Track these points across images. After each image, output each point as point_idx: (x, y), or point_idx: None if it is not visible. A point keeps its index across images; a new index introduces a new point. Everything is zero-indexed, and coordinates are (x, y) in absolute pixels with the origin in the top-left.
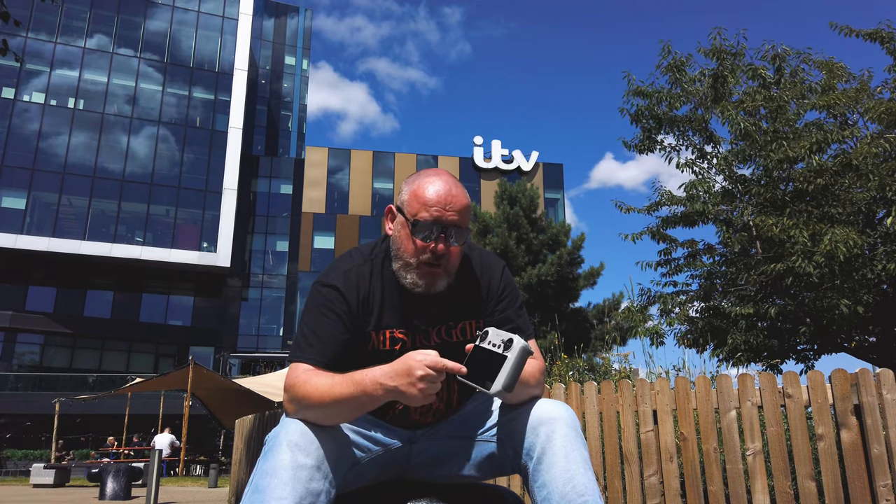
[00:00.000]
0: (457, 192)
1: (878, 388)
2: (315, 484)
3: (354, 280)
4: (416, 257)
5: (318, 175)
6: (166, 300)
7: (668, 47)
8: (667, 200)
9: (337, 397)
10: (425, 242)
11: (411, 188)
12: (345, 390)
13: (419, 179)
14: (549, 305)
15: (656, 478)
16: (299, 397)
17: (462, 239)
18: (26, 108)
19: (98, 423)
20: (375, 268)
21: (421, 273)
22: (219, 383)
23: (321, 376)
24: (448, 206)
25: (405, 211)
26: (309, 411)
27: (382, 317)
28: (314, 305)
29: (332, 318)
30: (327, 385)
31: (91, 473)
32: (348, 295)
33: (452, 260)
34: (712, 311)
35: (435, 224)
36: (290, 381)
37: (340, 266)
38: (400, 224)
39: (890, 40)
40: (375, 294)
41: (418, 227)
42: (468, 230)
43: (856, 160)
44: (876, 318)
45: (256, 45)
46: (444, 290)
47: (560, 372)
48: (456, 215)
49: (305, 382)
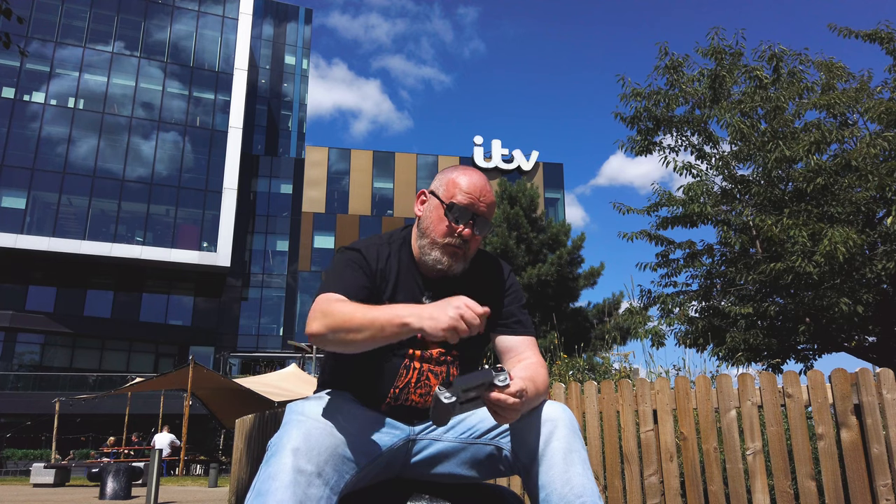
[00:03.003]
0: (489, 188)
1: (878, 387)
2: (314, 490)
3: (375, 251)
4: (445, 238)
5: (318, 175)
6: (166, 300)
7: (664, 48)
8: (666, 202)
9: (370, 316)
10: (457, 224)
11: (449, 177)
12: (377, 312)
13: (457, 171)
14: (549, 305)
15: (656, 477)
16: (325, 314)
17: (486, 230)
18: (26, 107)
19: (98, 423)
20: (394, 250)
21: (446, 251)
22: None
23: (348, 303)
24: (482, 197)
25: (440, 194)
26: (332, 332)
27: (396, 295)
28: (339, 263)
29: (356, 270)
30: (353, 307)
31: (91, 473)
32: (370, 259)
33: (473, 247)
34: (712, 311)
35: (468, 209)
36: (317, 304)
37: (362, 241)
38: (433, 206)
39: (889, 41)
40: (391, 271)
41: (454, 210)
42: (490, 226)
43: (855, 160)
44: (876, 318)
45: (256, 45)
46: (457, 275)
47: (560, 371)
48: (486, 207)
49: (334, 303)
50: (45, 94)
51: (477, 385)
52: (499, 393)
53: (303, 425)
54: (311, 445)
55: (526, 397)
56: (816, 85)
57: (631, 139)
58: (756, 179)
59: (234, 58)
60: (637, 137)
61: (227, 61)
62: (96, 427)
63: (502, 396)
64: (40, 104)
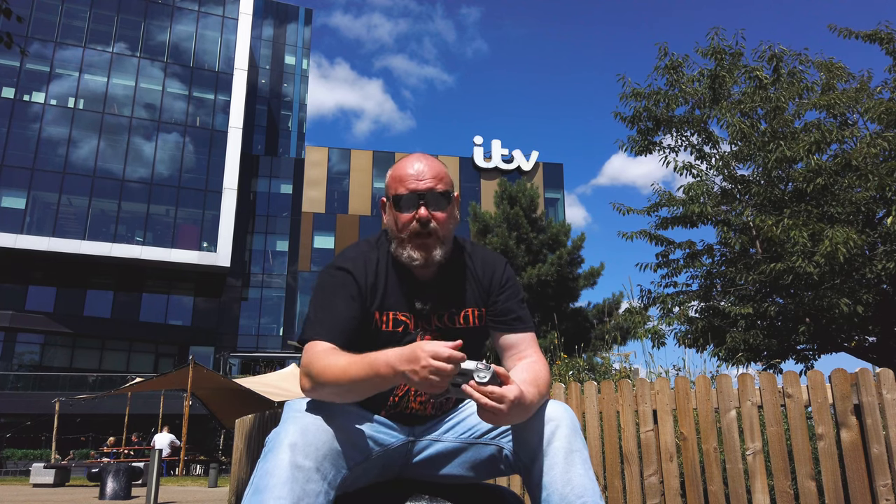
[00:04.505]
0: (427, 162)
1: (878, 387)
2: (312, 485)
3: (362, 264)
4: (405, 231)
5: (318, 175)
6: (166, 300)
7: (664, 49)
8: (666, 202)
9: (352, 377)
10: (408, 214)
11: (389, 174)
12: (360, 371)
13: (394, 164)
14: (549, 305)
15: (656, 477)
16: (315, 375)
17: (443, 203)
18: (26, 107)
19: (98, 423)
20: (381, 254)
21: (414, 245)
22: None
23: (338, 356)
24: (419, 176)
25: (388, 194)
26: (324, 389)
27: (386, 299)
28: (326, 287)
29: (344, 298)
30: (343, 365)
31: (91, 473)
32: (359, 277)
33: (440, 226)
34: (712, 311)
35: (411, 195)
36: (307, 359)
37: (349, 253)
38: (388, 207)
39: (889, 41)
40: (381, 278)
41: (398, 202)
42: (448, 196)
43: (855, 160)
44: (876, 318)
45: (256, 46)
46: (444, 264)
47: (560, 371)
48: (430, 181)
49: (322, 361)
50: (45, 95)
51: (463, 372)
52: (473, 387)
53: (300, 421)
54: (308, 441)
55: (522, 404)
56: (816, 85)
57: (631, 139)
58: (756, 179)
59: (234, 58)
60: (637, 137)
61: (228, 61)
62: (96, 427)
63: (473, 392)
64: (40, 104)
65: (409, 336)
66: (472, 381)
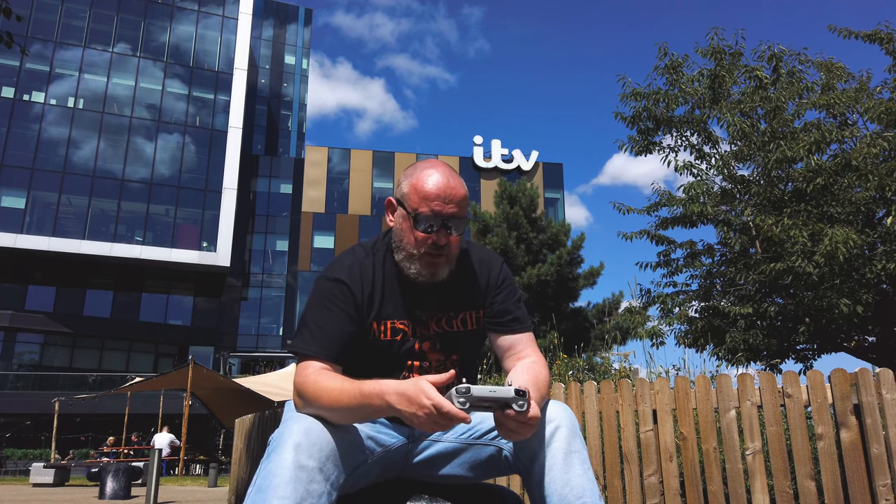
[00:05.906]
0: (454, 183)
1: (877, 387)
2: (315, 486)
3: (358, 273)
4: (419, 249)
5: (318, 175)
6: (166, 300)
7: (664, 49)
8: (666, 202)
9: (344, 405)
10: (427, 234)
11: (410, 181)
12: (352, 401)
13: (417, 173)
14: (549, 305)
15: (656, 477)
16: (308, 397)
17: (461, 229)
18: (26, 107)
19: (98, 423)
20: (378, 261)
21: (424, 263)
22: (219, 383)
23: (331, 379)
24: (447, 199)
25: (406, 204)
26: (316, 411)
27: (384, 308)
28: (320, 299)
29: (338, 312)
30: (336, 391)
31: (91, 473)
32: (354, 288)
33: (453, 248)
34: (712, 311)
35: (435, 217)
36: (300, 380)
37: (345, 260)
38: (401, 217)
39: (889, 41)
40: (378, 286)
41: (419, 220)
42: (467, 220)
43: (855, 160)
44: (875, 318)
45: (256, 46)
46: (445, 279)
47: (560, 371)
48: (455, 207)
49: (315, 384)
50: (45, 94)
51: (493, 399)
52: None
53: (303, 421)
54: (312, 441)
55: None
56: (816, 85)
57: (631, 139)
58: (756, 179)
59: (234, 58)
60: (637, 137)
61: (228, 61)
62: (96, 427)
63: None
64: (40, 104)
65: (407, 343)
66: (512, 412)
